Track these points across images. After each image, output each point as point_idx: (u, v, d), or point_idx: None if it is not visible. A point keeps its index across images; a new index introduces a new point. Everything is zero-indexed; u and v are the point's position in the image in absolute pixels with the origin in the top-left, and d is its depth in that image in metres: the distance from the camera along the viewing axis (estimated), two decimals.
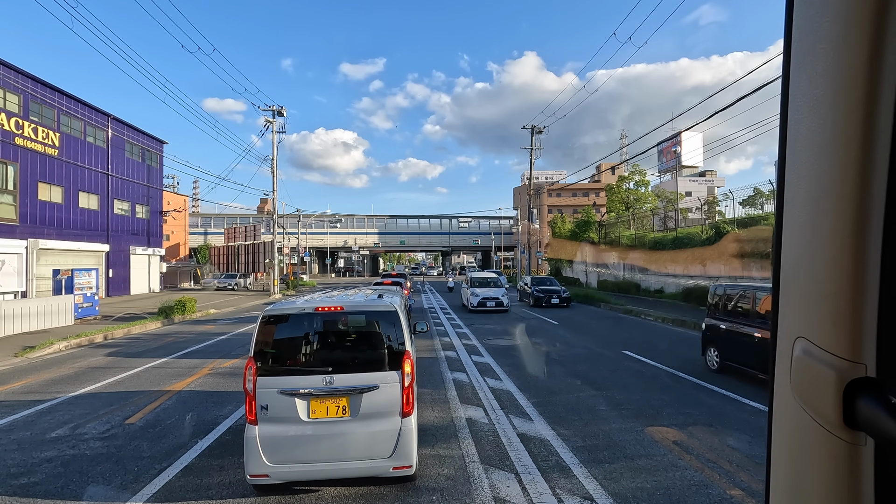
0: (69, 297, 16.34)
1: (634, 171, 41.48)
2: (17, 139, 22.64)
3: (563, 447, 5.04)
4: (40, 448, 5.22)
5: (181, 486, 4.27)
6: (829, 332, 0.60)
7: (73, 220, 26.52)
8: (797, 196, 0.65)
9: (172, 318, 16.87)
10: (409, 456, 3.92)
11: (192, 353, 10.88)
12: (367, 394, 3.90)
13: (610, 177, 53.67)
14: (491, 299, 19.06)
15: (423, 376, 8.10)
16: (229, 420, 6.02)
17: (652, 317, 16.58)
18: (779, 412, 0.70)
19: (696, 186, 60.18)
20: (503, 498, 3.98)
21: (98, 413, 6.44)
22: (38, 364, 9.93)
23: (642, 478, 4.32)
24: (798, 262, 0.65)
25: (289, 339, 4.18)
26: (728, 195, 22.56)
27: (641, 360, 9.44)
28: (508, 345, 11.53)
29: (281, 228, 38.30)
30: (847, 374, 0.58)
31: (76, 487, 4.29)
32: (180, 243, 45.93)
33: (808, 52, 0.61)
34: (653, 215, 31.26)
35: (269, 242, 34.28)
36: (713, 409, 6.32)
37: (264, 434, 3.80)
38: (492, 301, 19.04)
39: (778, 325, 0.70)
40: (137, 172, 32.23)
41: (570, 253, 35.74)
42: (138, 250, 32.23)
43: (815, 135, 0.61)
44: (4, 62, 21.81)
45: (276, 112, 29.45)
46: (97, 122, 28.23)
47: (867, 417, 0.55)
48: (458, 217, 68.46)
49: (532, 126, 33.55)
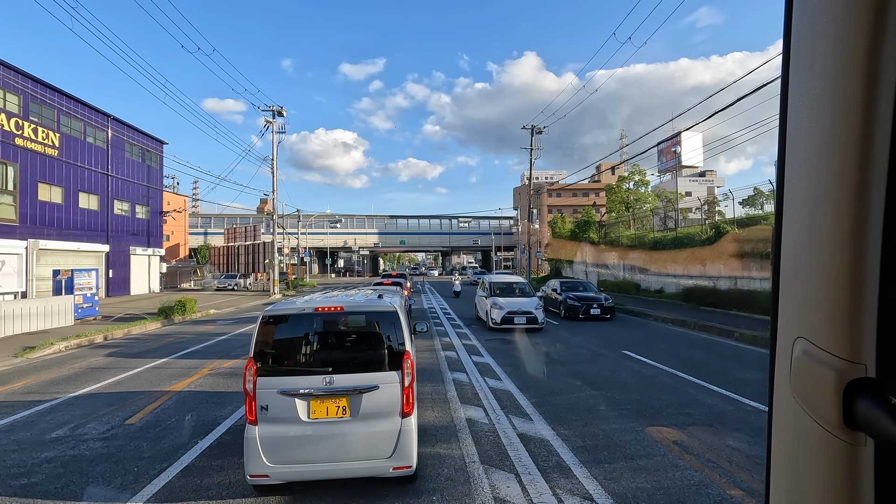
0: (69, 297, 16.33)
1: (634, 171, 41.49)
2: (17, 139, 22.64)
3: (563, 447, 5.04)
4: (40, 448, 5.22)
5: (181, 486, 4.27)
6: (829, 332, 0.60)
7: (73, 220, 26.52)
8: (796, 196, 0.65)
9: (172, 318, 16.86)
10: (409, 456, 3.92)
11: (192, 353, 10.88)
12: (367, 394, 3.89)
13: (610, 177, 53.70)
14: (521, 314, 13.86)
15: (424, 376, 8.10)
16: (229, 420, 6.02)
17: (652, 317, 16.58)
18: (778, 412, 0.70)
19: (696, 186, 60.19)
20: (503, 498, 3.98)
21: (98, 413, 6.44)
22: (38, 364, 9.93)
23: (642, 478, 4.32)
24: (797, 262, 0.65)
25: (289, 340, 4.18)
26: (728, 195, 22.56)
27: (641, 360, 9.44)
28: (508, 345, 11.53)
29: (281, 229, 38.31)
30: (847, 375, 0.58)
31: (76, 488, 4.29)
32: (180, 243, 45.94)
33: (807, 53, 0.61)
34: (653, 215, 31.26)
35: (268, 243, 34.28)
36: (713, 409, 6.32)
37: (264, 434, 3.80)
38: (521, 316, 13.84)
39: (777, 325, 0.70)
40: (137, 173, 32.22)
41: (569, 253, 35.73)
42: (138, 251, 32.23)
43: (813, 135, 0.61)
44: (4, 62, 21.81)
45: (275, 112, 29.45)
46: (97, 123, 28.23)
47: (867, 418, 0.55)
48: (458, 217, 68.51)
49: (532, 126, 33.54)
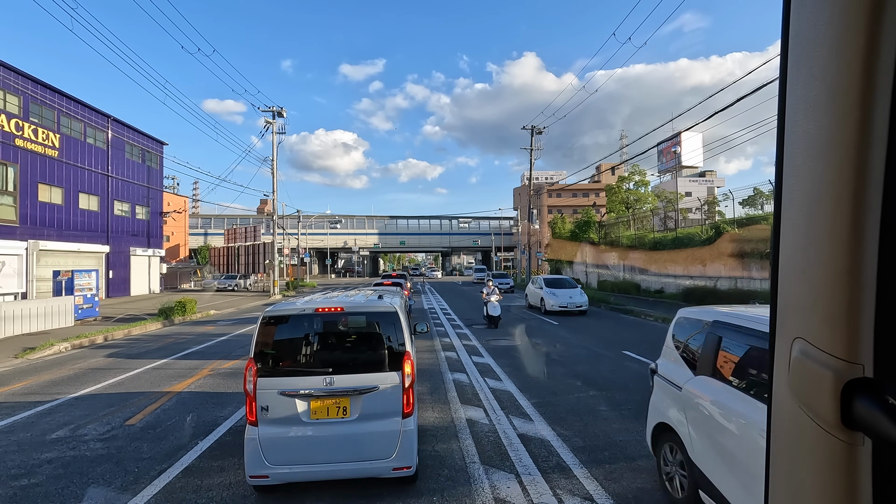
0: (69, 298, 16.34)
1: (634, 172, 41.49)
2: (18, 140, 22.65)
3: (563, 448, 5.04)
4: (41, 449, 5.22)
5: (181, 487, 4.27)
6: (827, 332, 0.60)
7: (74, 221, 26.53)
8: (794, 198, 0.65)
9: (173, 319, 16.86)
10: (410, 457, 3.92)
11: (193, 354, 10.88)
12: (367, 394, 3.90)
13: (610, 177, 53.68)
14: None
15: (424, 377, 8.10)
16: (229, 421, 6.02)
17: (652, 317, 16.57)
18: (777, 412, 0.70)
19: (696, 186, 60.21)
20: (503, 498, 3.98)
21: (98, 414, 6.44)
22: (38, 365, 9.93)
23: (643, 478, 4.32)
24: (796, 263, 0.65)
25: (289, 340, 4.18)
26: (728, 195, 22.59)
27: (642, 361, 9.43)
28: (508, 345, 11.53)
29: (281, 229, 38.32)
30: (844, 375, 0.58)
31: (76, 489, 4.29)
32: (180, 244, 45.94)
33: (805, 55, 0.62)
34: (653, 215, 31.26)
35: (269, 243, 34.28)
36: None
37: (265, 435, 3.80)
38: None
39: (776, 325, 0.70)
40: (137, 173, 32.24)
41: (570, 253, 35.73)
42: (138, 251, 32.24)
43: (811, 137, 0.61)
44: (4, 64, 21.82)
45: (275, 113, 29.45)
46: (97, 124, 28.24)
47: (865, 418, 0.56)
48: (458, 218, 68.52)
49: (532, 126, 33.56)
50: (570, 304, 17.57)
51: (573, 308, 17.57)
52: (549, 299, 18.12)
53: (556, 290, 18.36)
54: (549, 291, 18.38)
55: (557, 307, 17.71)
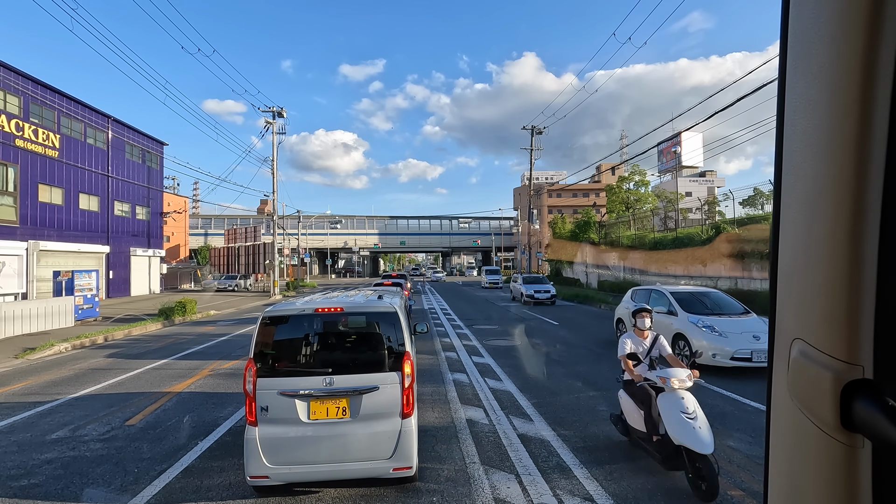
0: (69, 298, 16.34)
1: (634, 172, 41.47)
2: (18, 141, 22.66)
3: (563, 448, 5.04)
4: (41, 450, 5.22)
5: (181, 487, 4.27)
6: (826, 333, 0.60)
7: (74, 221, 26.54)
8: (794, 198, 0.65)
9: (173, 319, 16.87)
10: (410, 457, 3.92)
11: (193, 354, 10.88)
12: (367, 395, 3.89)
13: (610, 177, 53.67)
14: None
15: (424, 377, 8.09)
16: (229, 421, 6.02)
17: None
18: (777, 414, 0.70)
19: (696, 186, 60.21)
20: (503, 499, 3.97)
21: (98, 414, 6.44)
22: (38, 365, 9.93)
23: (643, 478, 4.32)
24: (795, 263, 0.65)
25: (289, 341, 4.18)
26: (728, 195, 22.57)
27: None
28: (508, 345, 11.53)
29: (281, 229, 38.33)
30: (844, 376, 0.57)
31: (76, 489, 4.29)
32: (181, 244, 45.97)
33: (804, 55, 0.61)
34: (653, 216, 31.23)
35: (269, 243, 34.28)
36: (713, 410, 6.31)
37: (264, 435, 3.80)
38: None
39: (775, 326, 0.70)
40: (138, 174, 32.25)
41: (570, 254, 35.73)
42: (139, 252, 32.25)
43: (810, 137, 0.61)
44: (4, 64, 21.83)
45: (276, 113, 29.46)
46: (97, 124, 28.26)
47: (864, 419, 0.55)
48: (458, 218, 68.52)
49: (532, 126, 33.57)
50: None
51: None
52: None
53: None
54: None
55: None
